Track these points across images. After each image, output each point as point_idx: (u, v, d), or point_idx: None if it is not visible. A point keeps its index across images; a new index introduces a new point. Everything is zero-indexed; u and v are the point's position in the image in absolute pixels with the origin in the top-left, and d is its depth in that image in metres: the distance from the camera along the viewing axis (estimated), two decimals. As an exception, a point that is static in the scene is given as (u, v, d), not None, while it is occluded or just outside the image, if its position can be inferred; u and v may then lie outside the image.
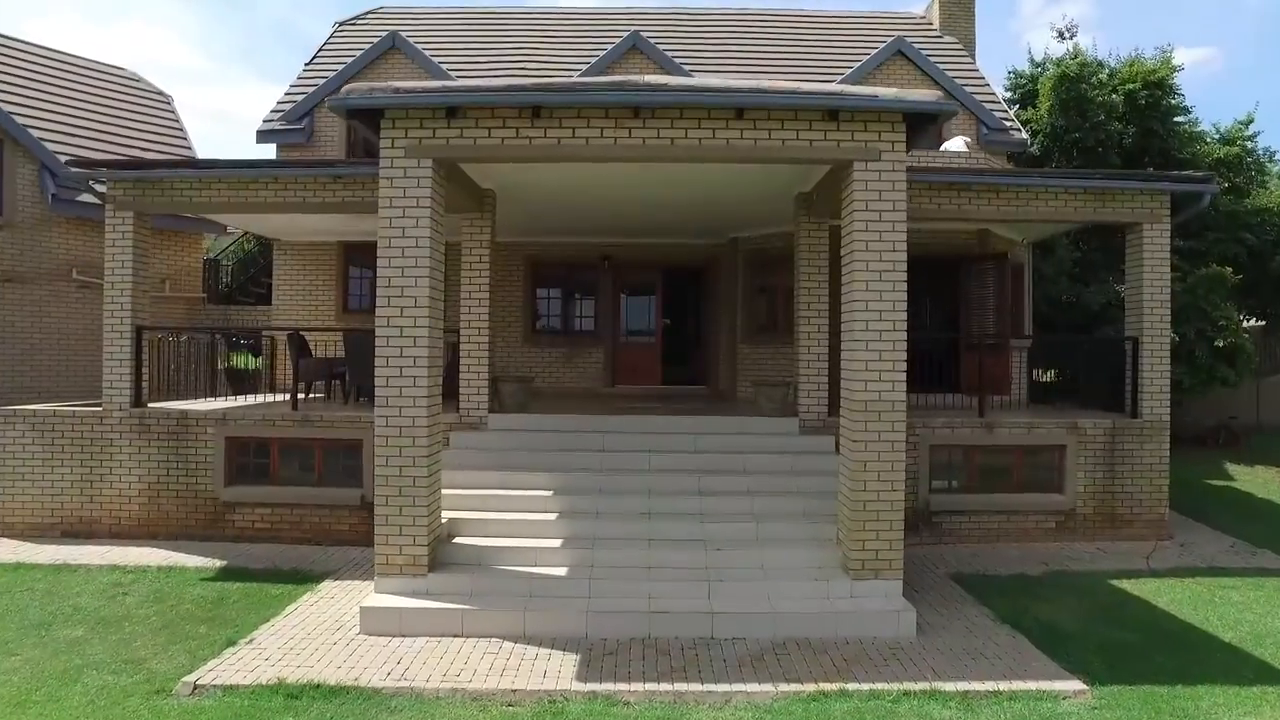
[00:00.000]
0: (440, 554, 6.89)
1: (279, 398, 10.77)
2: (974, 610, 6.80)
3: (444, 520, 7.23)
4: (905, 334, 6.54)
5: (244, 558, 8.33)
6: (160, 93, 15.70)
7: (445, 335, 7.28)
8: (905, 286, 6.55)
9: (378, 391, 6.59)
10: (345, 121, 7.23)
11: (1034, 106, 16.12)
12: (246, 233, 16.26)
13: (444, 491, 7.66)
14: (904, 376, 6.54)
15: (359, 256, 13.40)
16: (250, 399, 10.47)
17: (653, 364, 13.44)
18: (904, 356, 6.53)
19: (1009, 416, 9.27)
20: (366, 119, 6.65)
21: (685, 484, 7.83)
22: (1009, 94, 17.56)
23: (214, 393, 10.72)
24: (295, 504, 8.96)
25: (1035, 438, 8.99)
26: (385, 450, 6.59)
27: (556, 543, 7.07)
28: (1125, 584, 7.48)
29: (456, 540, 7.15)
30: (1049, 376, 15.18)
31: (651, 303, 13.59)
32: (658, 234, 12.69)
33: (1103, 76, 15.57)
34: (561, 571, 6.70)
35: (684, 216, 10.96)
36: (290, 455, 9.16)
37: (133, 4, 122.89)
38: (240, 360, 12.79)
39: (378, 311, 6.62)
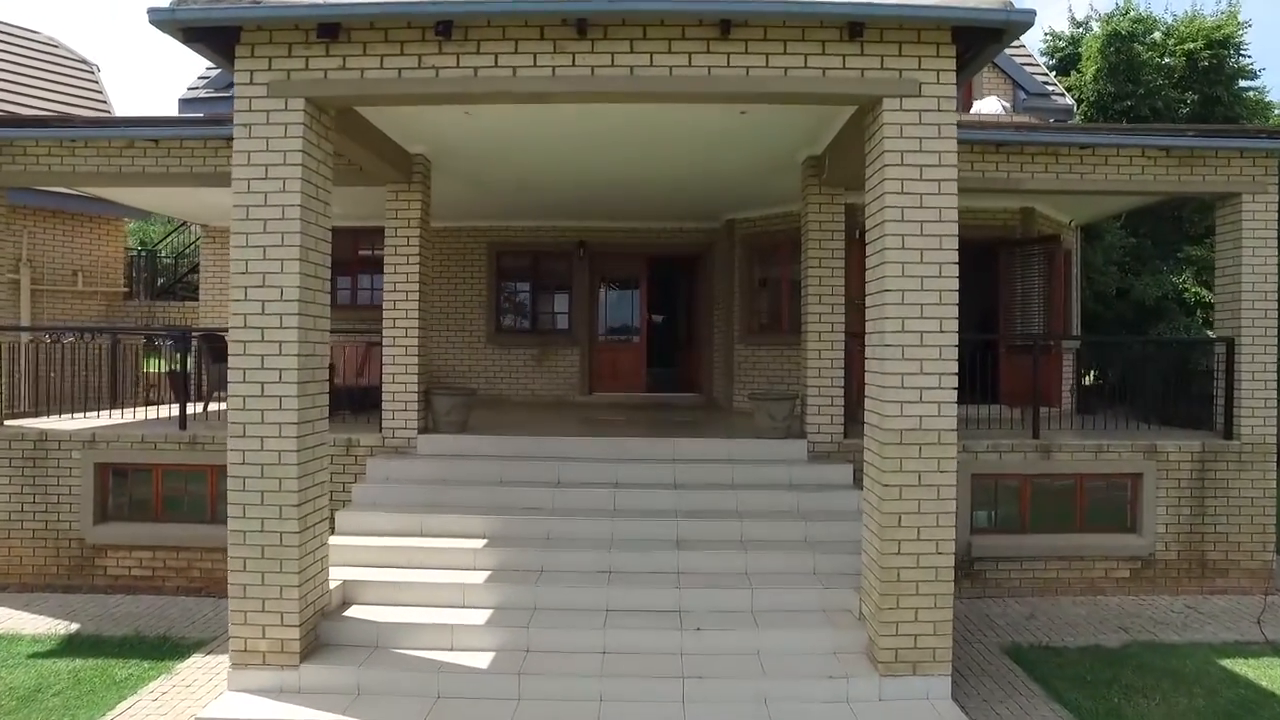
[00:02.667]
0: (324, 632, 5.11)
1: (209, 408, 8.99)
2: (1045, 710, 4.98)
3: (335, 584, 5.45)
4: (956, 336, 4.74)
5: (106, 619, 6.57)
6: (84, 61, 13.92)
7: (365, 337, 5.53)
8: (956, 271, 4.75)
9: (230, 416, 4.81)
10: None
11: (1077, 71, 14.21)
12: (186, 221, 14.52)
13: (347, 541, 5.90)
14: (954, 396, 4.74)
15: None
16: (154, 412, 8.66)
17: (636, 367, 11.64)
18: (954, 368, 4.73)
19: (1068, 436, 7.44)
20: (217, 45, 4.85)
21: (660, 531, 6.04)
22: (1046, 59, 15.64)
23: (123, 403, 8.93)
24: (182, 546, 7.18)
25: (1104, 464, 7.15)
26: (240, 497, 4.81)
27: (483, 615, 5.28)
28: (1241, 666, 5.64)
29: (351, 611, 5.37)
30: (1088, 379, 13.33)
31: (635, 297, 11.78)
32: (641, 216, 10.88)
33: (1158, 35, 13.65)
34: (483, 661, 4.91)
35: (669, 193, 9.14)
36: (177, 485, 7.39)
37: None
38: (153, 365, 11.02)
39: (231, 308, 4.84)
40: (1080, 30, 15.34)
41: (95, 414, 8.09)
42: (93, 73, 13.88)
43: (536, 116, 6.21)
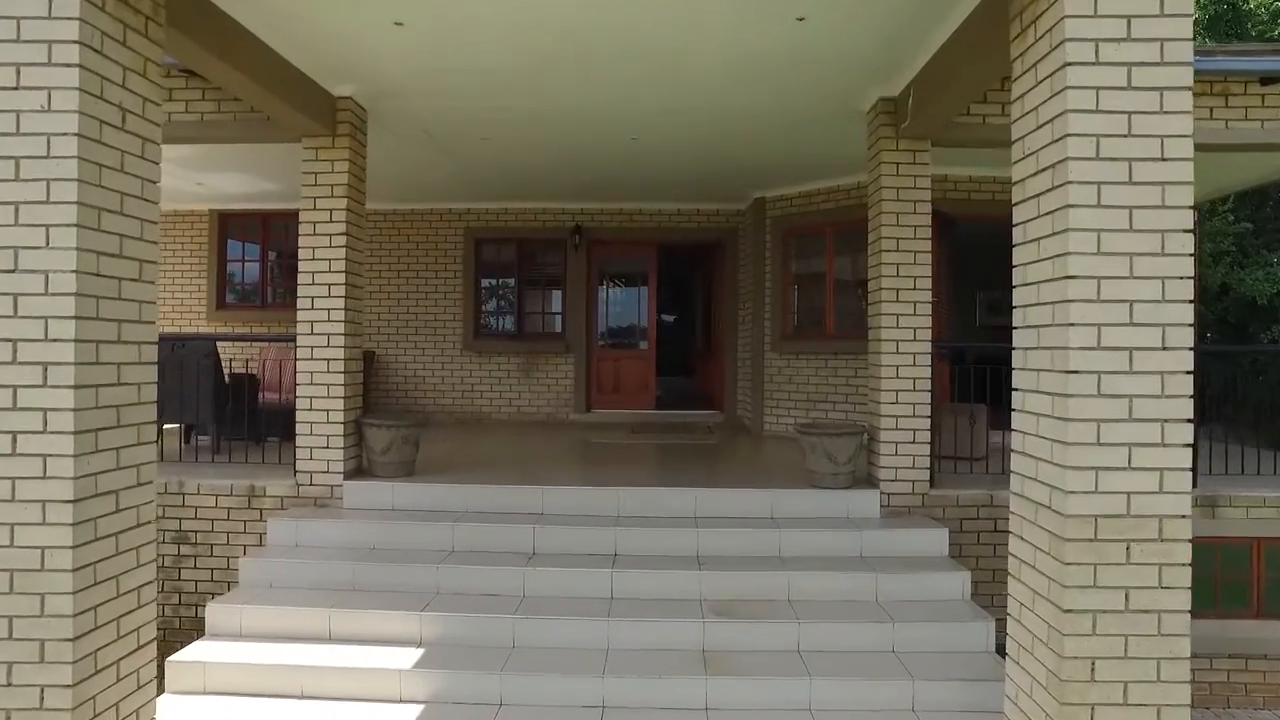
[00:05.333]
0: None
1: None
2: None
3: (176, 736, 3.52)
4: (1190, 355, 2.77)
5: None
6: None
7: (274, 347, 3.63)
8: (1190, 244, 2.79)
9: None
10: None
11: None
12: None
13: (211, 654, 3.99)
14: (1187, 458, 2.77)
15: (241, 229, 9.75)
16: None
17: (643, 379, 9.68)
18: (1187, 410, 2.77)
19: (1234, 485, 5.44)
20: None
21: (679, 638, 4.08)
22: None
23: None
24: None
25: (1290, 523, 5.15)
26: (-18, 623, 2.88)
27: (402, 793, 3.34)
28: None
29: (198, 782, 3.44)
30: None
31: (641, 294, 9.82)
32: (650, 195, 8.93)
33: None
34: None
35: (685, 157, 7.17)
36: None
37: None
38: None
39: (-28, 306, 2.91)
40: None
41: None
42: None
43: (502, 30, 4.28)
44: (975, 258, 7.63)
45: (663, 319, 10.09)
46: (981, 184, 7.43)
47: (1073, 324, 2.75)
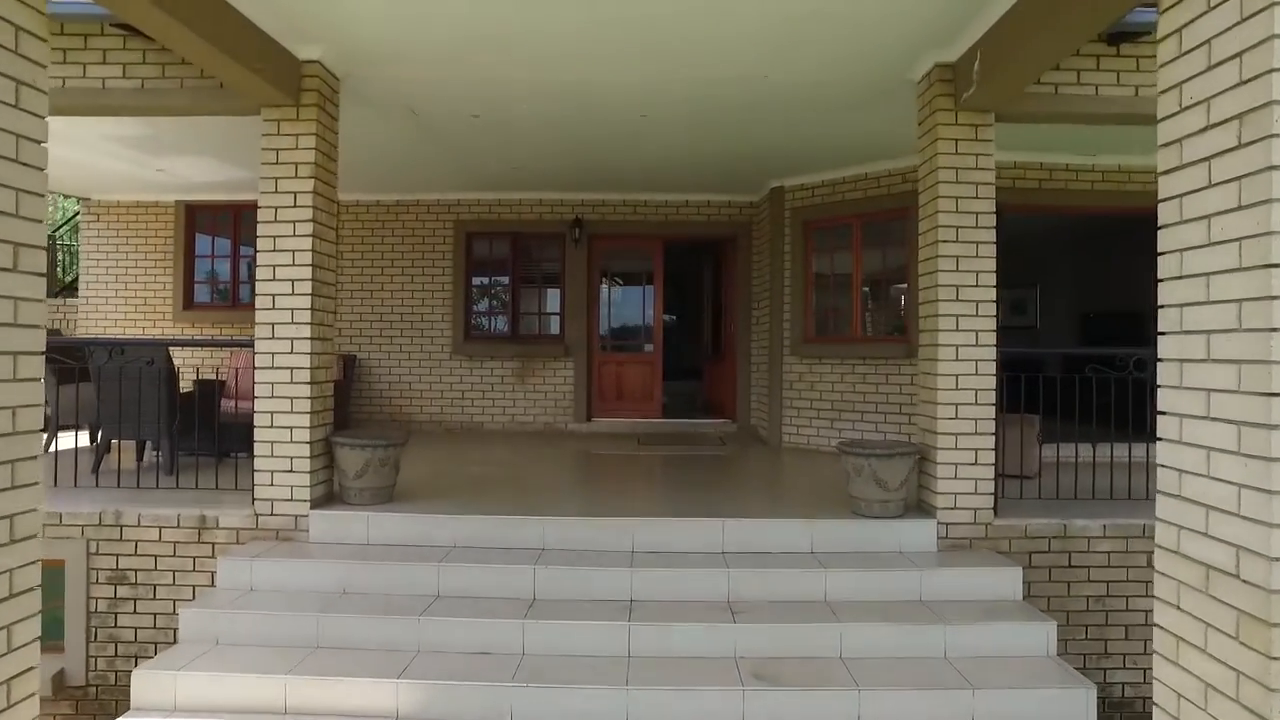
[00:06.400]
0: None
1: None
2: None
3: None
4: None
5: None
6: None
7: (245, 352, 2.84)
8: None
9: None
10: None
11: None
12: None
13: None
14: None
15: (210, 222, 8.97)
16: None
17: (649, 386, 8.93)
18: None
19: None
20: None
21: (713, 708, 3.34)
22: None
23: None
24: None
25: None
26: None
27: None
28: None
29: None
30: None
31: (647, 293, 9.07)
32: (656, 185, 8.19)
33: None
34: None
35: (701, 140, 6.43)
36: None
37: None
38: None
39: None
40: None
41: None
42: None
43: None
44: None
45: (668, 319, 9.34)
46: (1002, 171, 6.71)
47: (1278, 329, 2.02)
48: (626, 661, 3.59)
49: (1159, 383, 2.50)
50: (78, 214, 13.59)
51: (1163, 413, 2.47)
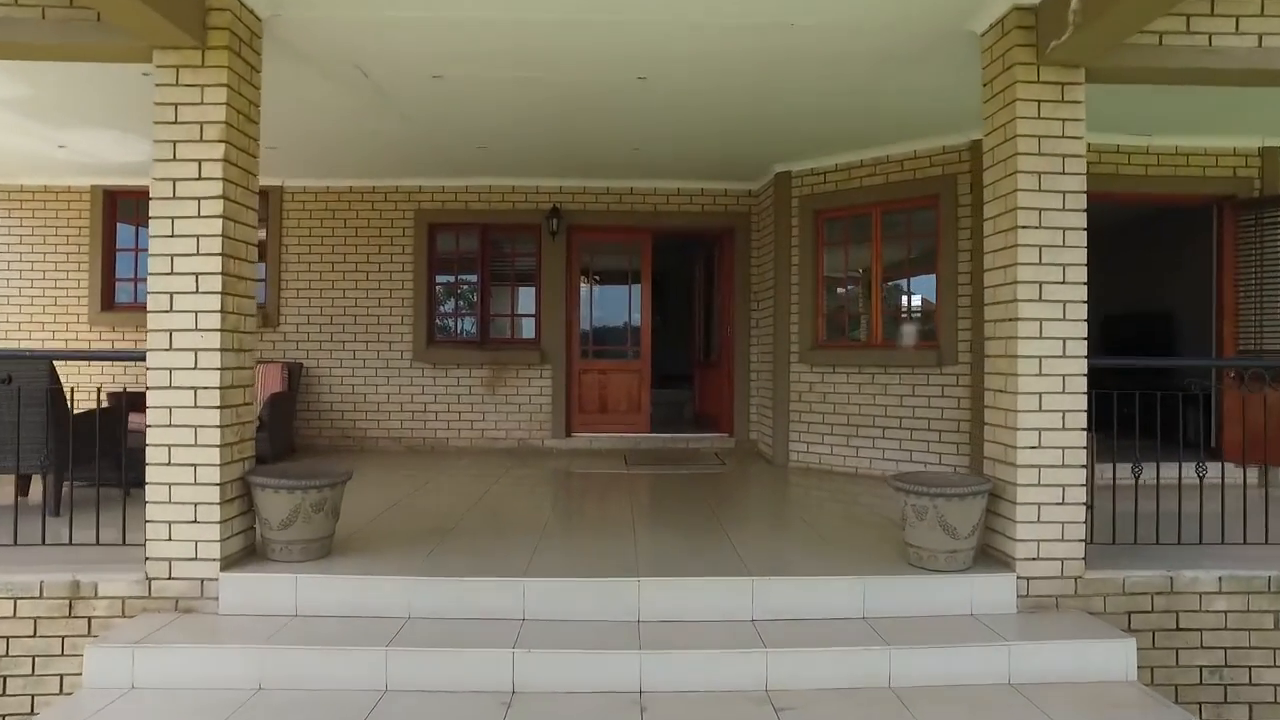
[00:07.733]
0: None
1: None
2: None
3: None
4: None
5: None
6: None
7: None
8: None
9: None
10: None
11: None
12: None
13: None
14: None
15: (134, 211, 7.84)
16: None
17: (635, 396, 7.97)
18: None
19: None
20: None
21: None
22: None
23: None
24: None
25: None
26: None
27: None
28: None
29: None
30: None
31: (633, 293, 8.10)
32: (644, 171, 7.24)
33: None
34: None
35: (704, 113, 5.50)
36: None
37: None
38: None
39: None
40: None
41: None
42: None
43: None
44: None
45: (655, 321, 8.39)
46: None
47: None
48: (640, 788, 2.65)
49: None
50: None
51: None
